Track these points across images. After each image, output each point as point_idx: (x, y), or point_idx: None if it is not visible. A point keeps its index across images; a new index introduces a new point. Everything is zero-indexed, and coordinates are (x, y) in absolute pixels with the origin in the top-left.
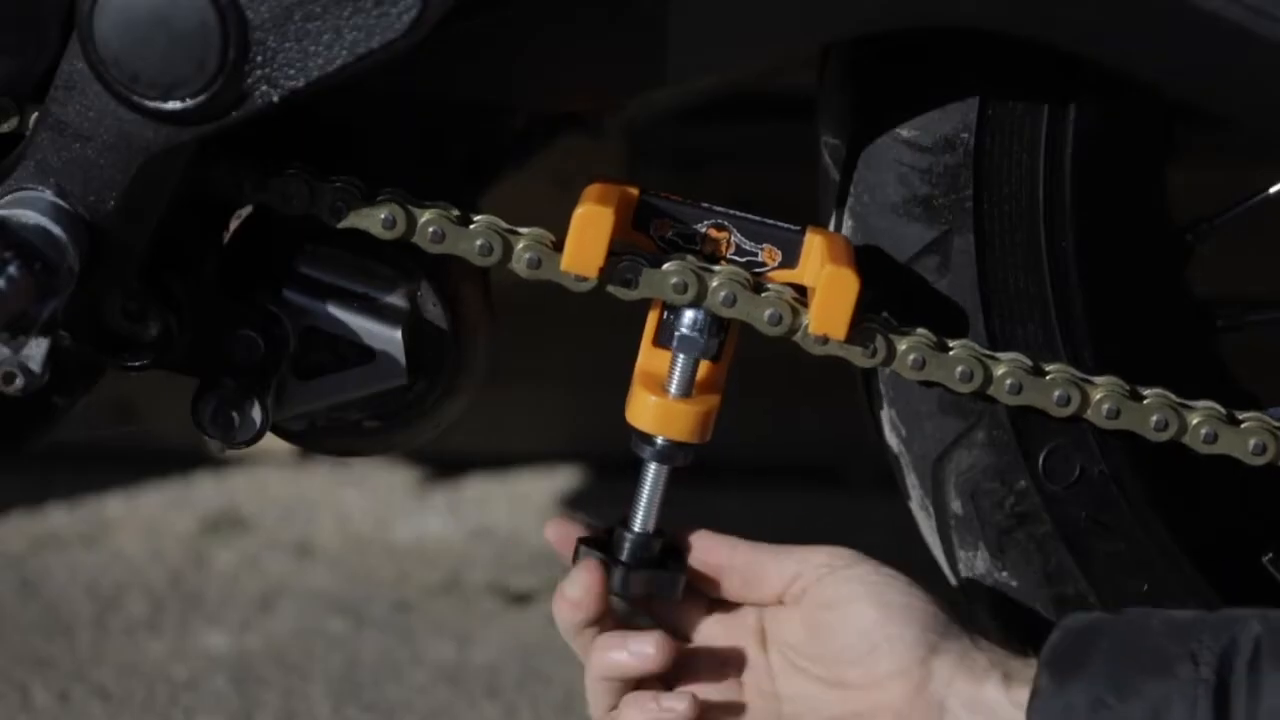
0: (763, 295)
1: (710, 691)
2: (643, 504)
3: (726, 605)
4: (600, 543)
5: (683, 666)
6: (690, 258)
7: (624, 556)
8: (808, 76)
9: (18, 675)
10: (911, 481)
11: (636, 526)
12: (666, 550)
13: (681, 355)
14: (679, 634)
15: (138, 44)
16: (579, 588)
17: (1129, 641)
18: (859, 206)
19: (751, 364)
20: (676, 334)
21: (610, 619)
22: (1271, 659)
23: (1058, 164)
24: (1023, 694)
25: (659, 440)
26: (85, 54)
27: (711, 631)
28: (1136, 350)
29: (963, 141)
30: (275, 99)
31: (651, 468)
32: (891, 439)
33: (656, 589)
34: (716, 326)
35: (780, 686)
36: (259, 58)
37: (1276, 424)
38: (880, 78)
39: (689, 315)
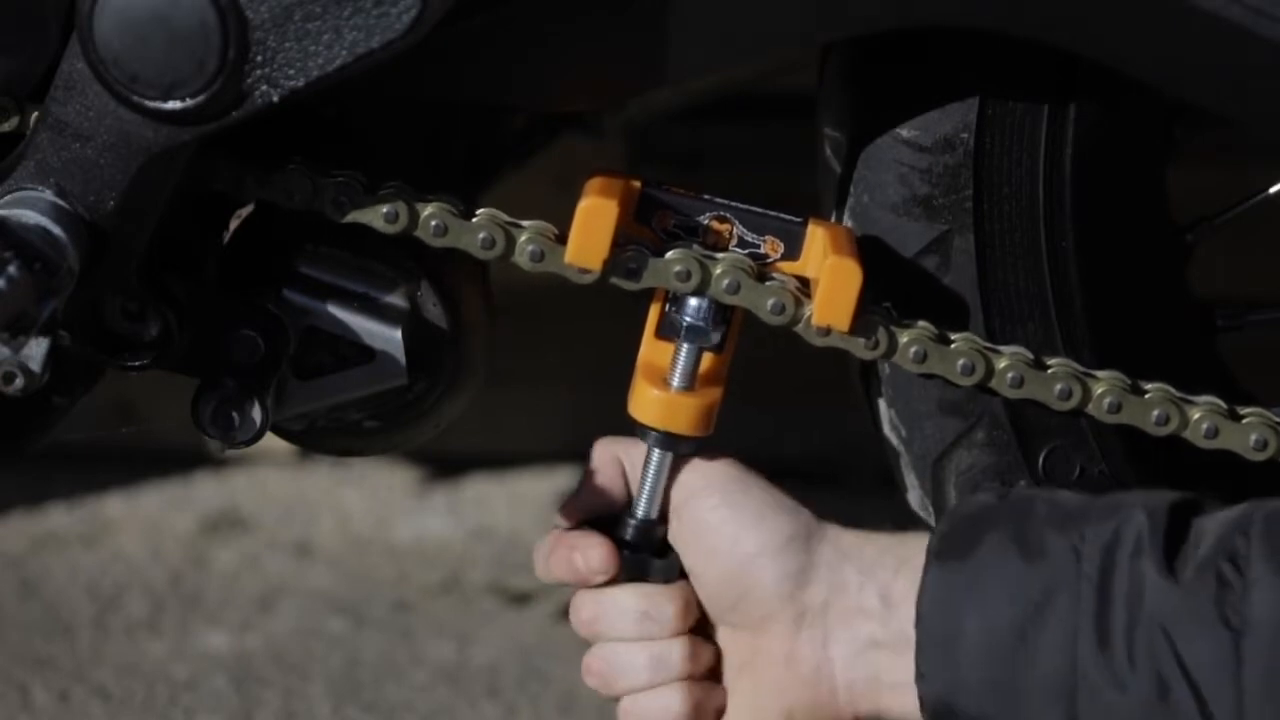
0: (766, 284)
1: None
2: (646, 491)
3: None
4: (604, 527)
5: None
6: (696, 246)
7: (630, 543)
8: (808, 76)
9: (18, 675)
10: (911, 481)
11: (640, 513)
12: (668, 538)
13: (685, 345)
14: None
15: (138, 44)
16: (588, 567)
17: (1014, 531)
18: (859, 206)
19: (752, 364)
20: (679, 323)
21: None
22: (1152, 554)
23: (1058, 164)
24: (901, 605)
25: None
26: (85, 54)
27: None
28: (1137, 350)
29: (963, 141)
30: (275, 99)
31: (655, 455)
32: (891, 439)
33: (662, 574)
34: (720, 316)
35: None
36: (259, 58)
37: (1277, 419)
38: (880, 78)
39: (692, 304)
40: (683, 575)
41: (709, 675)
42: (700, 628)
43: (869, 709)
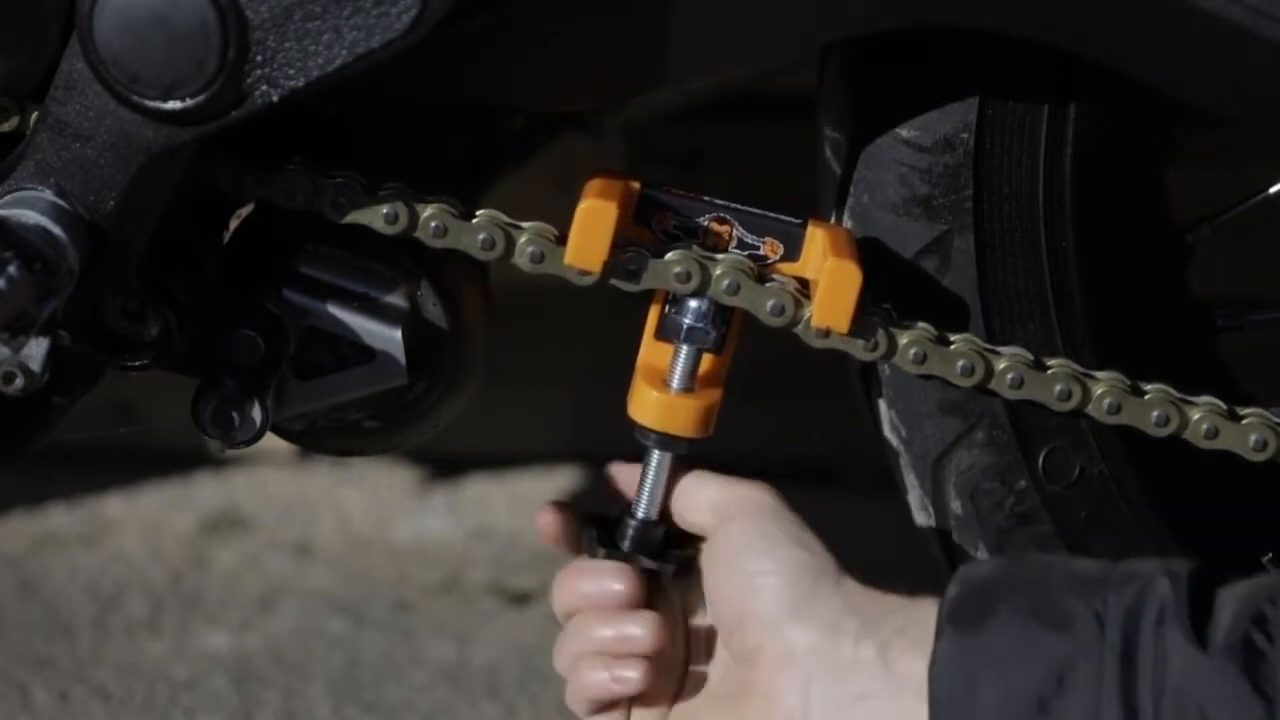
0: (766, 285)
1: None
2: (646, 491)
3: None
4: (604, 528)
5: None
6: (696, 247)
7: (627, 544)
8: (808, 76)
9: (18, 675)
10: (911, 481)
11: (640, 513)
12: (668, 538)
13: (685, 346)
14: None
15: (138, 44)
16: (624, 589)
17: (1032, 598)
18: (859, 206)
19: (752, 364)
20: (679, 324)
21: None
22: (1178, 622)
23: (1058, 164)
24: (898, 663)
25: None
26: (85, 54)
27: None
28: (1137, 350)
29: (963, 141)
30: (275, 99)
31: (655, 456)
32: (891, 439)
33: (658, 576)
34: (719, 317)
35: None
36: (259, 57)
37: (1277, 420)
38: (880, 78)
39: (692, 305)
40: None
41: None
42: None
43: None
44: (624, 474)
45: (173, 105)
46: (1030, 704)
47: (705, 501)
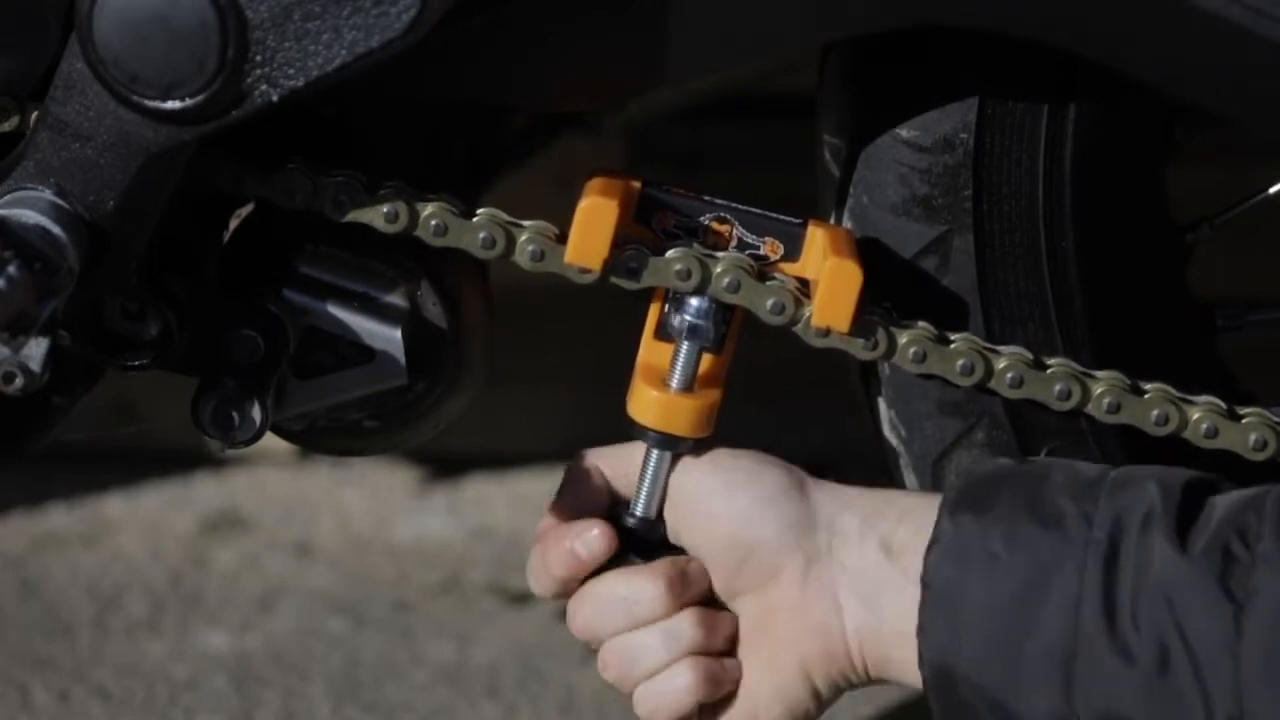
0: (766, 284)
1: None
2: (645, 490)
3: None
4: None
5: None
6: (696, 246)
7: (627, 542)
8: (808, 76)
9: (18, 675)
10: (911, 482)
11: (639, 511)
12: (666, 538)
13: (685, 344)
14: None
15: (137, 44)
16: (589, 552)
17: (1029, 494)
18: (858, 207)
19: (752, 364)
20: (680, 322)
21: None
22: (1163, 526)
23: (1058, 164)
24: (903, 554)
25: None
26: (85, 54)
27: None
28: (1137, 350)
29: (962, 142)
30: (275, 98)
31: (654, 454)
32: (891, 439)
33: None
34: (720, 315)
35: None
36: (258, 57)
37: (1277, 419)
38: (880, 78)
39: (692, 303)
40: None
41: (725, 649)
42: (713, 604)
43: (876, 660)
44: (606, 465)
45: (172, 105)
46: (1016, 594)
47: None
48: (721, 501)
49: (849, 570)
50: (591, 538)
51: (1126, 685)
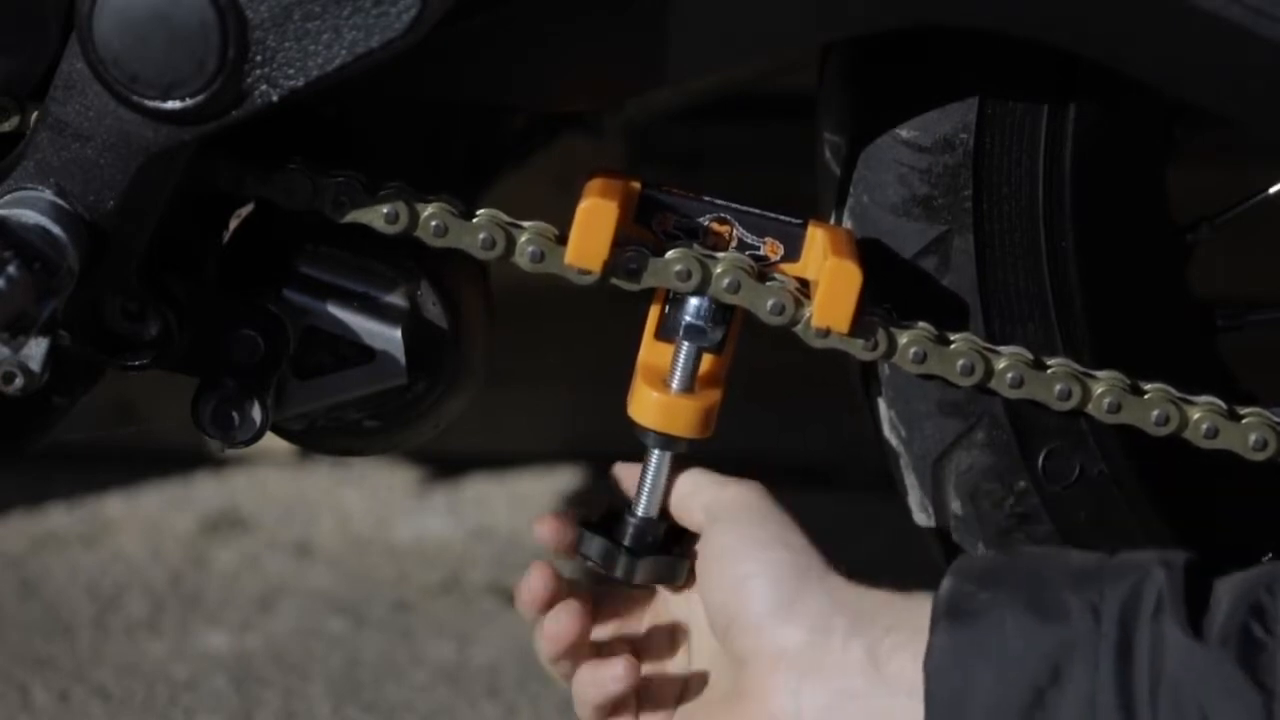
0: (766, 284)
1: (665, 665)
2: (646, 490)
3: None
4: (603, 528)
5: (639, 645)
6: (696, 246)
7: (628, 542)
8: (808, 76)
9: (18, 675)
10: (911, 482)
11: (640, 512)
12: (670, 535)
13: (685, 344)
14: (638, 601)
15: (137, 44)
16: (561, 628)
17: (1027, 590)
18: (858, 207)
19: (752, 365)
20: (680, 323)
21: (588, 649)
22: (1174, 613)
23: (1058, 164)
24: (888, 663)
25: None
26: (85, 54)
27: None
28: (1137, 350)
29: (962, 142)
30: (275, 98)
31: (655, 454)
32: (891, 439)
33: (660, 575)
34: (720, 316)
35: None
36: (258, 57)
37: (1277, 420)
38: (880, 78)
39: (693, 303)
40: (662, 579)
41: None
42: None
43: None
44: (628, 475)
45: (172, 105)
46: (1026, 696)
47: (698, 504)
48: (728, 562)
49: (823, 671)
50: (532, 580)
51: None
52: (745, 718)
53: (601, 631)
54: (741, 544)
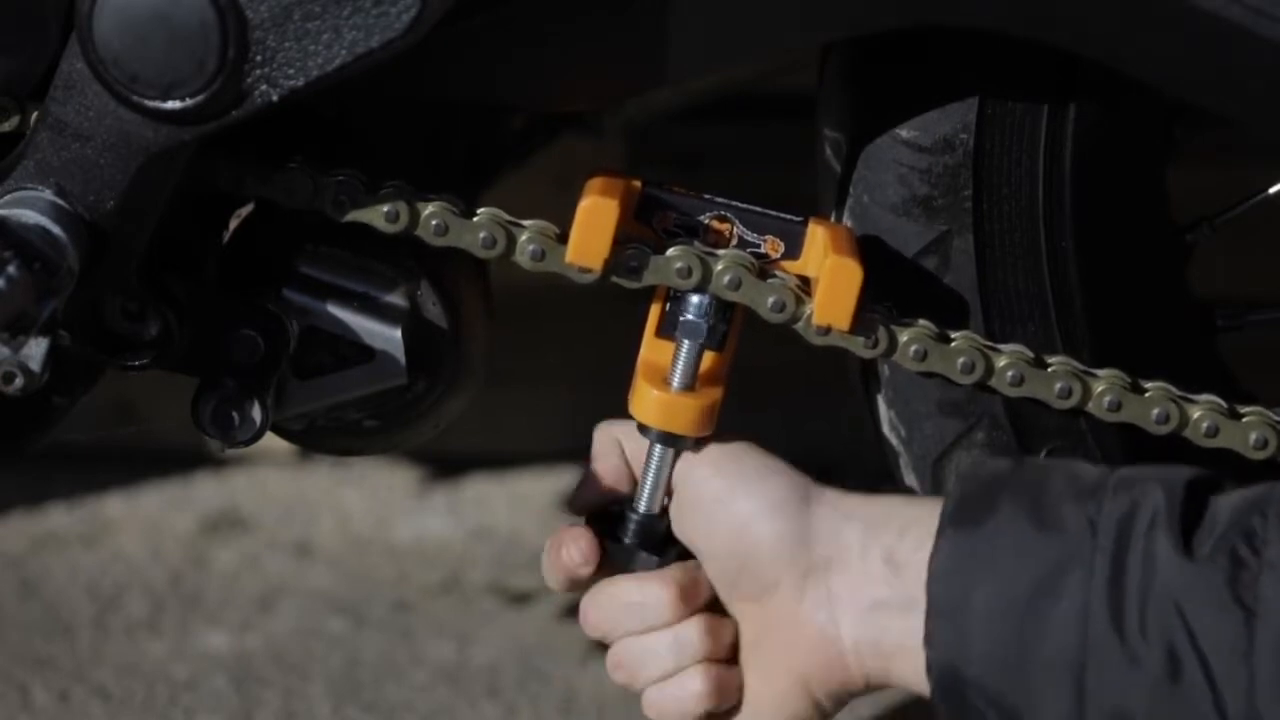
0: (767, 282)
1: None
2: (648, 485)
3: None
4: (606, 523)
5: None
6: (697, 244)
7: (629, 537)
8: (808, 76)
9: (18, 675)
10: (911, 482)
11: (641, 507)
12: (670, 532)
13: (686, 342)
14: None
15: (137, 44)
16: (578, 557)
17: (1029, 499)
18: (858, 207)
19: (752, 365)
20: (681, 320)
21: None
22: (1168, 530)
23: (1058, 164)
24: (906, 567)
25: None
26: (85, 54)
27: None
28: (1137, 350)
29: (962, 142)
30: (275, 98)
31: (656, 450)
32: (891, 439)
33: (647, 567)
34: (721, 313)
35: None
36: (258, 57)
37: (1278, 418)
38: (880, 78)
39: (694, 301)
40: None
41: (729, 656)
42: (718, 609)
43: (877, 671)
44: (605, 466)
45: (172, 105)
46: (1022, 604)
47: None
48: (720, 508)
49: (850, 583)
50: (574, 548)
51: (1137, 692)
52: (782, 649)
53: None
54: (730, 484)
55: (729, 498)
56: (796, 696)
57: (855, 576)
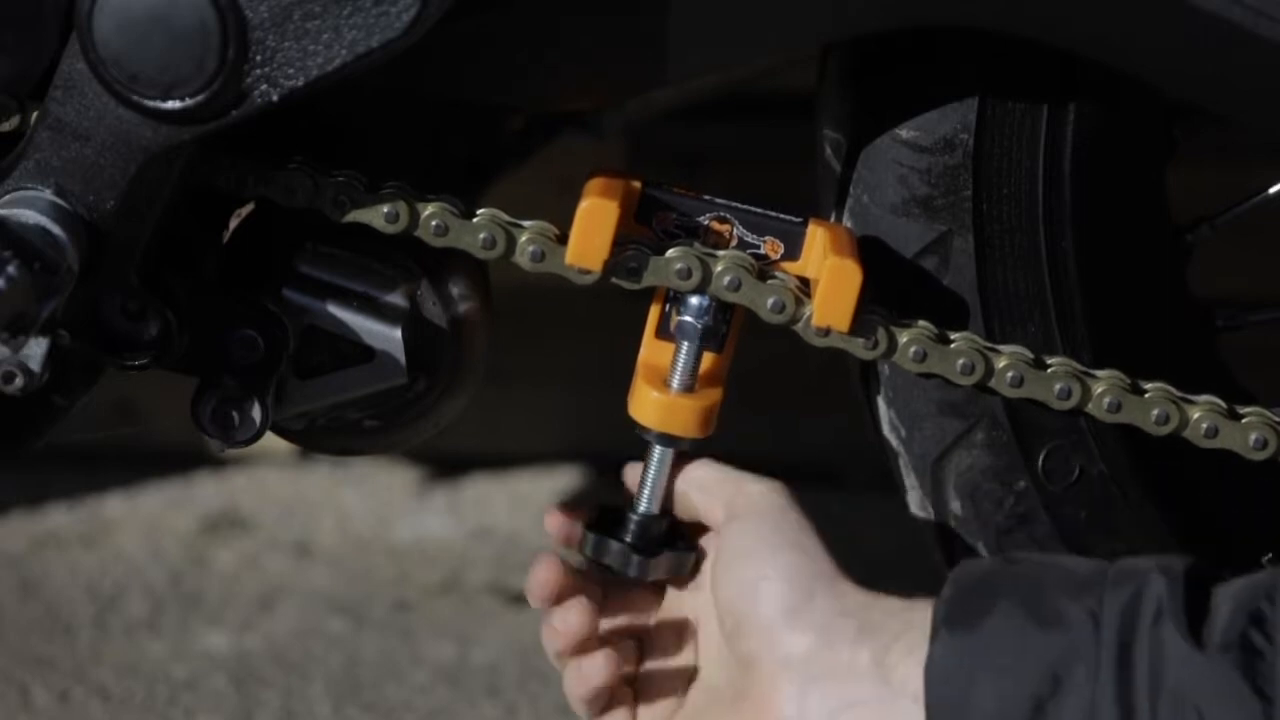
0: (767, 282)
1: (670, 661)
2: (649, 486)
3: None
4: (607, 525)
5: (646, 638)
6: (696, 244)
7: (631, 539)
8: (808, 76)
9: (18, 675)
10: (911, 482)
11: (642, 508)
12: (673, 530)
13: (685, 343)
14: (648, 595)
15: (137, 43)
16: (570, 625)
17: (1027, 598)
18: (858, 207)
19: (752, 365)
20: (680, 321)
21: (595, 644)
22: (1174, 621)
23: (1057, 164)
24: (895, 670)
25: None
26: (85, 53)
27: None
28: (1137, 351)
29: (962, 142)
30: (275, 98)
31: (656, 450)
32: (891, 439)
33: (671, 569)
34: (720, 314)
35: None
36: (258, 57)
37: (1277, 418)
38: (880, 78)
39: (693, 302)
40: (673, 573)
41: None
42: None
43: None
44: (635, 474)
45: (172, 105)
46: (1026, 705)
47: (719, 499)
48: (740, 563)
49: (830, 678)
50: (535, 580)
51: None
52: None
53: (611, 623)
54: (757, 546)
55: (748, 558)
56: None
57: (837, 673)
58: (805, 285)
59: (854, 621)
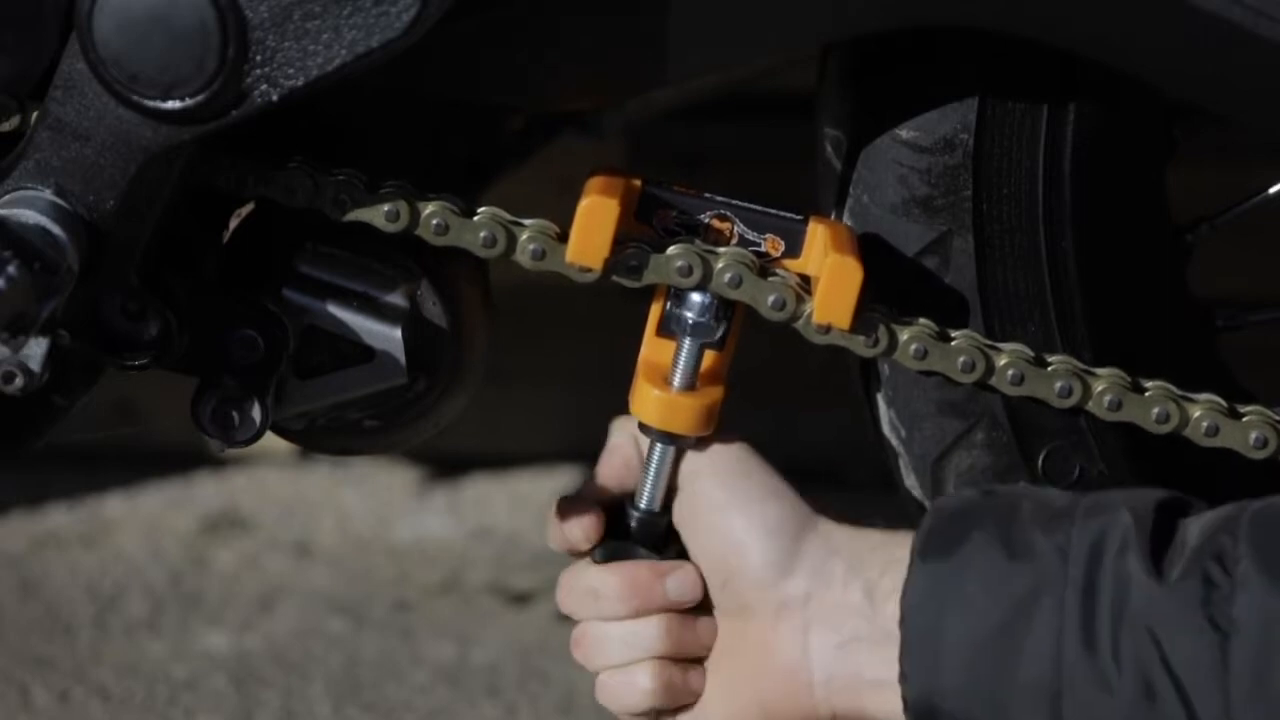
0: (768, 280)
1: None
2: (649, 483)
3: None
4: (608, 518)
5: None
6: (697, 242)
7: (633, 537)
8: (808, 76)
9: (18, 675)
10: (911, 482)
11: (643, 505)
12: (670, 529)
13: (686, 341)
14: None
15: (137, 43)
16: (579, 535)
17: (1000, 529)
18: (858, 207)
19: (752, 364)
20: (681, 319)
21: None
22: (1138, 553)
23: (1057, 164)
24: (885, 602)
25: None
26: (85, 53)
27: None
28: (1137, 351)
29: (962, 142)
30: (275, 98)
31: (657, 448)
32: (891, 439)
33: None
34: (721, 311)
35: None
36: (258, 57)
37: (1278, 418)
38: (880, 78)
39: (694, 299)
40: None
41: (698, 656)
42: (701, 610)
43: (847, 706)
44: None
45: (172, 105)
46: (995, 636)
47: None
48: (717, 520)
49: (826, 619)
50: (579, 528)
51: (1114, 717)
52: (749, 669)
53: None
54: (730, 499)
55: (727, 512)
56: (752, 719)
57: (833, 612)
58: (806, 282)
59: (842, 560)
